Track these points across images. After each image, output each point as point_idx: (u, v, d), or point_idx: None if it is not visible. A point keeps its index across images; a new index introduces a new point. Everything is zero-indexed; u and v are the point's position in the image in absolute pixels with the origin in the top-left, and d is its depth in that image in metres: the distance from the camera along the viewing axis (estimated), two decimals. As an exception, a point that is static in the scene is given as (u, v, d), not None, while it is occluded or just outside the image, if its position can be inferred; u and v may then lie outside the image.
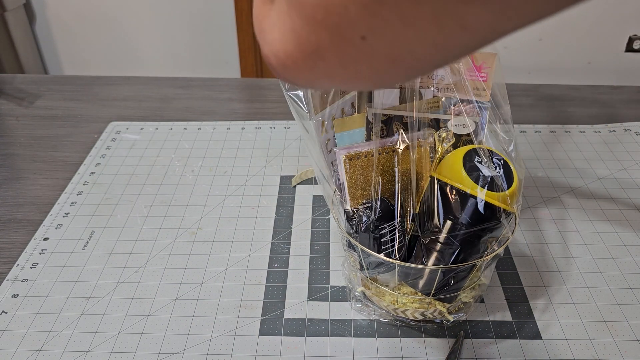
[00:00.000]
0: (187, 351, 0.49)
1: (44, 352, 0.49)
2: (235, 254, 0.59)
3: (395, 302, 0.49)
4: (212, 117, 0.85)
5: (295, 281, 0.56)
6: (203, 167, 0.73)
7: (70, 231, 0.63)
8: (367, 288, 0.51)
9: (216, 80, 0.97)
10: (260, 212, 0.65)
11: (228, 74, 2.12)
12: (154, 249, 0.60)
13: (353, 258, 0.50)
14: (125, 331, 0.51)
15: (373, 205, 0.47)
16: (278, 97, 0.91)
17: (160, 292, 0.55)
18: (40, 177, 0.72)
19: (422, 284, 0.46)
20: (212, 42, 2.07)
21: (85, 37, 2.07)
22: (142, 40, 2.07)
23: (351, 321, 0.52)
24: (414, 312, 0.49)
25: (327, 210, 0.65)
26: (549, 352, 0.48)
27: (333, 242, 0.61)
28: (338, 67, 0.20)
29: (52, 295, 0.55)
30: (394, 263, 0.45)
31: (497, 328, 0.51)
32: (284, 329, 0.51)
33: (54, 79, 1.00)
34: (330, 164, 0.51)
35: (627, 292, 0.54)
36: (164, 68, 2.12)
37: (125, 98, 0.91)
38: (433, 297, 0.47)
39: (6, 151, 0.78)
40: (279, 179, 0.71)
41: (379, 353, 0.49)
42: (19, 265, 0.58)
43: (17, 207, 0.67)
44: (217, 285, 0.56)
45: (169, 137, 0.80)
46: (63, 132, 0.82)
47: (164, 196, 0.68)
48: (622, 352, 0.49)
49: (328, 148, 0.51)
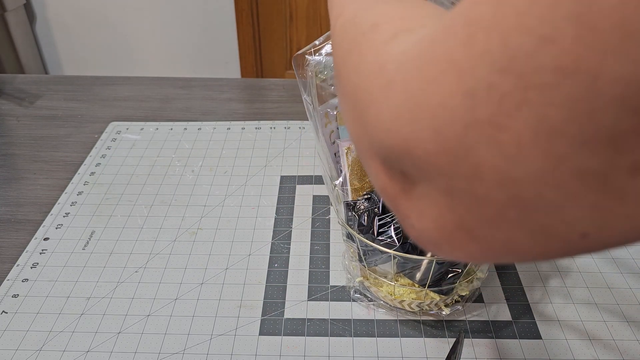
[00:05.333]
0: (187, 351, 0.49)
1: (44, 352, 0.49)
2: (235, 254, 0.59)
3: (392, 293, 0.49)
4: (212, 117, 0.85)
5: (295, 281, 0.56)
6: (203, 167, 0.73)
7: (70, 231, 0.63)
8: (366, 279, 0.51)
9: (216, 80, 0.97)
10: (260, 212, 0.65)
11: (228, 74, 2.13)
12: (154, 249, 0.60)
13: (352, 249, 0.50)
14: (125, 331, 0.51)
15: (373, 196, 0.48)
16: (278, 97, 0.91)
17: (160, 292, 0.55)
18: (40, 177, 0.72)
19: (419, 276, 0.47)
20: (212, 42, 2.07)
21: (86, 37, 2.07)
22: (142, 40, 2.07)
23: (351, 321, 0.52)
24: (410, 303, 0.49)
25: (327, 210, 0.65)
26: (549, 352, 0.49)
27: (333, 242, 0.61)
28: (527, 256, 0.18)
29: (52, 295, 0.55)
30: (391, 253, 0.45)
31: (497, 328, 0.51)
32: (284, 329, 0.51)
33: (54, 79, 1.00)
34: (334, 155, 0.51)
35: (627, 292, 0.54)
36: (164, 68, 2.12)
37: (125, 98, 0.91)
38: (429, 289, 0.47)
39: (6, 151, 0.78)
40: (279, 179, 0.71)
41: (379, 353, 0.49)
42: (19, 265, 0.58)
43: (18, 207, 0.67)
44: (217, 285, 0.56)
45: (169, 137, 0.80)
46: (63, 132, 0.82)
47: (164, 196, 0.68)
48: (622, 352, 0.49)
49: (332, 139, 0.51)
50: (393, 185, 0.21)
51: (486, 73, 0.15)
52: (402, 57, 0.20)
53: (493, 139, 0.15)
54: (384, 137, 0.20)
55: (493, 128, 0.15)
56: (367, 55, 0.23)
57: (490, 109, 0.15)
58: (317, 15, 2.08)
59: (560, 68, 0.14)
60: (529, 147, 0.15)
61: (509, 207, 0.16)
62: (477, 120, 0.16)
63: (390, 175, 0.21)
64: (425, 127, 0.17)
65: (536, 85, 0.14)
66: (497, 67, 0.15)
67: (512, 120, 0.15)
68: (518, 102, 0.15)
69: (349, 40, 0.26)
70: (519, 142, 0.15)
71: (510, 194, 0.16)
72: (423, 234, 0.20)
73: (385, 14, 0.25)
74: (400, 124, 0.19)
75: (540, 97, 0.14)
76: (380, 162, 0.21)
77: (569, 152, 0.14)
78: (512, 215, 0.16)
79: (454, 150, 0.17)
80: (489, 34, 0.15)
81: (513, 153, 0.15)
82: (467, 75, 0.16)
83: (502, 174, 0.16)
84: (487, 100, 0.15)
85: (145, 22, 2.03)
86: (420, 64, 0.18)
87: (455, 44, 0.17)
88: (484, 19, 0.16)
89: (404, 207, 0.21)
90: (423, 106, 0.18)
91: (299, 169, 0.72)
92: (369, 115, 0.21)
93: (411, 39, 0.21)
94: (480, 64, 0.16)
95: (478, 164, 0.16)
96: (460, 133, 0.16)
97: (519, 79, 0.15)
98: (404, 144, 0.19)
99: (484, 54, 0.15)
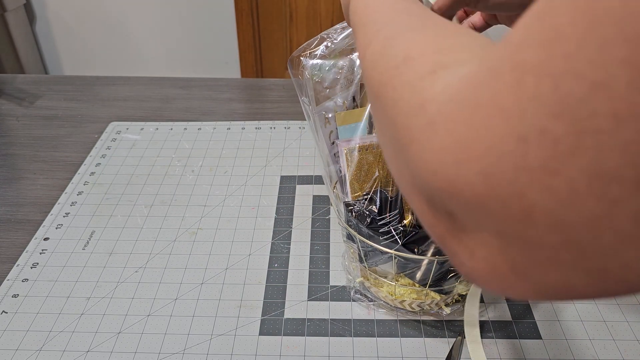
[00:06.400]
0: (187, 351, 0.49)
1: (44, 352, 0.49)
2: (235, 254, 0.59)
3: (392, 293, 0.49)
4: (212, 117, 0.85)
5: (295, 281, 0.56)
6: (203, 167, 0.73)
7: (70, 231, 0.63)
8: (366, 279, 0.51)
9: (216, 80, 0.97)
10: (260, 212, 0.65)
11: (228, 74, 2.13)
12: (154, 248, 0.60)
13: (352, 249, 0.50)
14: (125, 331, 0.51)
15: (373, 196, 0.47)
16: (278, 97, 0.91)
17: (160, 292, 0.55)
18: (40, 177, 0.72)
19: (419, 275, 0.47)
20: (212, 42, 2.07)
21: (85, 37, 2.07)
22: (142, 40, 2.07)
23: (351, 321, 0.52)
24: (411, 303, 0.49)
25: (327, 210, 0.65)
26: (549, 352, 0.49)
27: (333, 242, 0.61)
28: (584, 296, 0.17)
29: (52, 295, 0.55)
30: (392, 254, 0.45)
31: (497, 328, 0.51)
32: (284, 329, 0.51)
33: (54, 79, 1.00)
34: (333, 155, 0.51)
35: (627, 292, 0.54)
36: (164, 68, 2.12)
37: (125, 98, 0.91)
38: (430, 288, 0.47)
39: (6, 151, 0.78)
40: (279, 179, 0.71)
41: (379, 353, 0.49)
42: (19, 265, 0.58)
43: (18, 207, 0.67)
44: (217, 285, 0.56)
45: (169, 137, 0.80)
46: (63, 132, 0.82)
47: (164, 196, 0.68)
48: (622, 352, 0.49)
49: (331, 139, 0.51)
50: (440, 223, 0.21)
51: (537, 118, 0.15)
52: (443, 98, 0.20)
53: (545, 183, 0.15)
54: (429, 178, 0.20)
55: (545, 173, 0.15)
56: (403, 91, 0.23)
57: (542, 154, 0.15)
58: (317, 15, 2.08)
59: (615, 114, 0.13)
60: (583, 192, 0.14)
61: (563, 250, 0.16)
62: (529, 165, 0.15)
63: (436, 214, 0.21)
64: (474, 171, 0.17)
65: (590, 131, 0.14)
66: (548, 112, 0.15)
67: (565, 165, 0.15)
68: (572, 148, 0.14)
69: (380, 72, 0.26)
70: (572, 187, 0.15)
71: (564, 237, 0.15)
72: (474, 273, 0.20)
73: (416, 46, 0.25)
74: (446, 166, 0.18)
75: (595, 143, 0.14)
76: (425, 201, 0.21)
77: (625, 196, 0.14)
78: (566, 258, 0.16)
79: (504, 195, 0.16)
80: (539, 79, 0.15)
81: (566, 197, 0.15)
82: (517, 120, 0.16)
83: (555, 218, 0.15)
84: (540, 146, 0.15)
85: (145, 22, 2.03)
86: (465, 107, 0.18)
87: (502, 88, 0.16)
88: (531, 63, 0.15)
89: (452, 245, 0.21)
90: (471, 150, 0.17)
91: (299, 169, 0.72)
92: (410, 154, 0.21)
93: (449, 77, 0.20)
94: (530, 109, 0.15)
95: (530, 208, 0.16)
96: (511, 178, 0.16)
97: (573, 125, 0.14)
98: (451, 187, 0.18)
99: (534, 99, 0.15)
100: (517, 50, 0.16)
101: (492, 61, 0.18)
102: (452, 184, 0.18)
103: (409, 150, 0.21)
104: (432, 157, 0.19)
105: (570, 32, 0.14)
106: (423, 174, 0.20)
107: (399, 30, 0.27)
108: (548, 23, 0.15)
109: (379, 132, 0.27)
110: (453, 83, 0.20)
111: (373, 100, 0.27)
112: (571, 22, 0.15)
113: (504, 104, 0.16)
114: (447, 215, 0.20)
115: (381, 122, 0.25)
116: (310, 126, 0.51)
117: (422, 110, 0.21)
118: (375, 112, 0.27)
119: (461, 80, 0.19)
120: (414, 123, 0.21)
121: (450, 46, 0.23)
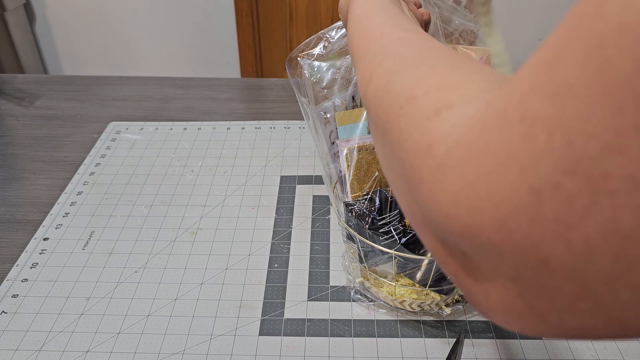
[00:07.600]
0: (187, 351, 0.49)
1: (44, 352, 0.49)
2: (235, 254, 0.59)
3: (392, 293, 0.49)
4: (212, 117, 0.85)
5: (295, 281, 0.56)
6: (203, 167, 0.73)
7: (70, 231, 0.63)
8: (366, 279, 0.51)
9: (216, 80, 0.97)
10: (260, 212, 0.65)
11: (228, 74, 2.13)
12: (154, 249, 0.60)
13: (353, 250, 0.50)
14: (125, 331, 0.51)
15: (373, 196, 0.47)
16: (278, 97, 0.91)
17: (160, 292, 0.55)
18: (40, 177, 0.72)
19: (419, 275, 0.47)
20: (212, 42, 2.07)
21: (85, 37, 2.07)
22: (142, 40, 2.07)
23: (351, 321, 0.52)
24: (411, 303, 0.49)
25: (327, 210, 0.65)
26: (548, 352, 0.49)
27: (333, 242, 0.61)
28: (602, 338, 0.17)
29: (52, 295, 0.55)
30: (392, 254, 0.45)
31: (497, 328, 0.51)
32: (284, 329, 0.51)
33: (54, 79, 1.00)
34: (333, 155, 0.51)
35: (627, 292, 0.54)
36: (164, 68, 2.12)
37: (125, 98, 0.91)
38: (430, 289, 0.47)
39: (6, 151, 0.78)
40: (279, 179, 0.71)
41: (379, 353, 0.49)
42: (19, 265, 0.58)
43: (17, 207, 0.67)
44: (217, 285, 0.56)
45: (169, 137, 0.80)
46: (63, 132, 0.82)
47: (164, 196, 0.68)
48: (622, 352, 0.49)
49: (331, 139, 0.51)
50: (454, 262, 0.21)
51: (551, 172, 0.15)
52: (451, 140, 0.19)
53: (561, 236, 0.15)
54: (442, 221, 0.19)
55: (561, 226, 0.15)
56: (410, 131, 0.22)
57: (557, 208, 0.15)
58: (317, 15, 2.08)
59: (630, 177, 0.13)
60: (600, 249, 0.14)
61: (581, 299, 0.16)
62: (544, 217, 0.15)
63: (450, 252, 0.21)
64: (488, 218, 0.17)
65: (605, 192, 0.14)
66: (562, 167, 0.15)
67: (581, 221, 0.14)
68: (587, 205, 0.14)
69: (385, 110, 0.25)
70: (588, 243, 0.14)
71: (582, 288, 0.15)
72: (490, 312, 0.20)
73: (419, 83, 0.24)
74: (459, 211, 0.18)
75: (611, 203, 0.14)
76: (438, 240, 0.21)
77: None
78: (584, 306, 0.16)
79: (520, 243, 0.16)
80: (551, 133, 0.15)
81: (583, 252, 0.15)
82: (530, 172, 0.15)
83: (572, 270, 0.15)
84: (554, 200, 0.15)
85: (145, 22, 2.03)
86: (475, 151, 0.18)
87: (513, 137, 0.16)
88: (542, 116, 0.15)
89: (467, 284, 0.20)
90: (484, 197, 0.17)
91: (299, 169, 0.72)
92: (421, 194, 0.20)
93: (455, 117, 0.20)
94: (543, 162, 0.15)
95: (546, 258, 0.16)
96: (526, 227, 0.16)
97: (587, 183, 0.14)
98: (465, 231, 0.18)
99: (547, 152, 0.15)
100: (525, 99, 0.16)
101: (500, 106, 0.17)
102: (468, 227, 0.18)
103: (419, 191, 0.21)
104: (445, 199, 0.19)
105: (581, 90, 0.14)
106: (435, 215, 0.20)
107: (401, 65, 0.27)
108: (557, 76, 0.15)
109: (387, 168, 0.26)
110: (460, 124, 0.19)
111: (379, 137, 0.26)
112: (582, 78, 0.14)
113: (515, 153, 0.16)
114: (462, 255, 0.20)
115: (389, 158, 0.25)
116: (309, 126, 0.51)
117: (430, 152, 0.20)
118: (382, 148, 0.26)
119: (468, 123, 0.19)
120: (423, 164, 0.20)
121: (454, 83, 0.23)
